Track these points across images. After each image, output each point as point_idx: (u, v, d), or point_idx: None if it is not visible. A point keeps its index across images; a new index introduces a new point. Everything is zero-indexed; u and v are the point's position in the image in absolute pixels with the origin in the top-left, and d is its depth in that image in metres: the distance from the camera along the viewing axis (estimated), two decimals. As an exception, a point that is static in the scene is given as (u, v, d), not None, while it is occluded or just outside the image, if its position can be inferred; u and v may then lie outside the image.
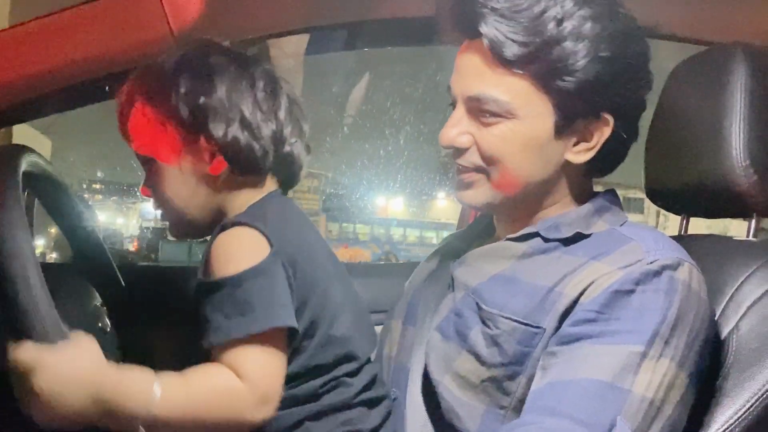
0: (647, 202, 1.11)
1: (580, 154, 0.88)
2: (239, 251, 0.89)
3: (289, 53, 1.50)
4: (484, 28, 0.83)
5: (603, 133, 0.87)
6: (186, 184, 0.97)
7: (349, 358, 0.96)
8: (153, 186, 0.99)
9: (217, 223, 0.96)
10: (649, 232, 0.87)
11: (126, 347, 1.03)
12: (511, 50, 0.82)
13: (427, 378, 0.90)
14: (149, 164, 0.98)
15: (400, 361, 0.98)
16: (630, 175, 1.14)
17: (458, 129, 0.88)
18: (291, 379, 0.92)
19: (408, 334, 0.99)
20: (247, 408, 0.85)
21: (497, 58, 0.83)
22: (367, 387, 0.97)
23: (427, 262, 1.09)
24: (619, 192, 0.98)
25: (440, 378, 0.88)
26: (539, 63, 0.82)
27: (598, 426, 0.72)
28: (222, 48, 0.98)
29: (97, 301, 1.00)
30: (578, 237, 0.88)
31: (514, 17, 0.82)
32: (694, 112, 0.98)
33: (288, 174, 1.02)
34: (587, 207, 0.91)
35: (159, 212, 1.01)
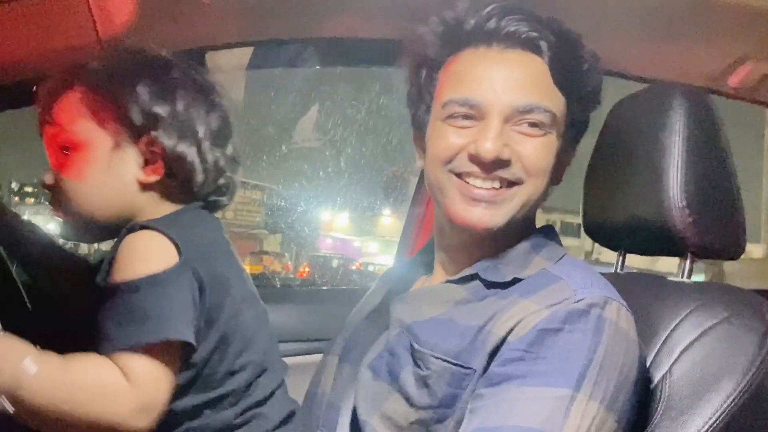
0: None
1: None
2: (144, 256, 0.86)
3: (230, 65, 1.46)
4: (546, 46, 0.85)
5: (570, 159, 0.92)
6: (108, 183, 0.93)
7: (261, 384, 0.94)
8: (66, 178, 0.93)
9: (119, 229, 0.92)
10: (579, 271, 0.86)
11: None
12: (565, 71, 0.86)
13: (356, 418, 0.86)
14: (69, 155, 0.93)
15: (332, 399, 0.94)
16: (568, 200, 1.14)
17: (501, 141, 0.84)
18: (203, 407, 0.89)
19: (344, 371, 0.95)
20: (126, 411, 0.81)
21: (554, 75, 0.85)
22: (285, 421, 0.95)
23: (368, 297, 1.06)
24: (557, 216, 0.98)
25: (368, 418, 0.84)
26: (575, 88, 0.87)
27: None
28: (186, 67, 0.97)
29: None
30: (515, 281, 0.86)
31: (566, 43, 0.87)
32: (633, 150, 0.98)
33: (217, 202, 1.01)
34: (524, 245, 0.90)
35: (56, 209, 0.96)
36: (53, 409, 0.79)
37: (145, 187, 0.94)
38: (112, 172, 0.92)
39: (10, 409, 0.76)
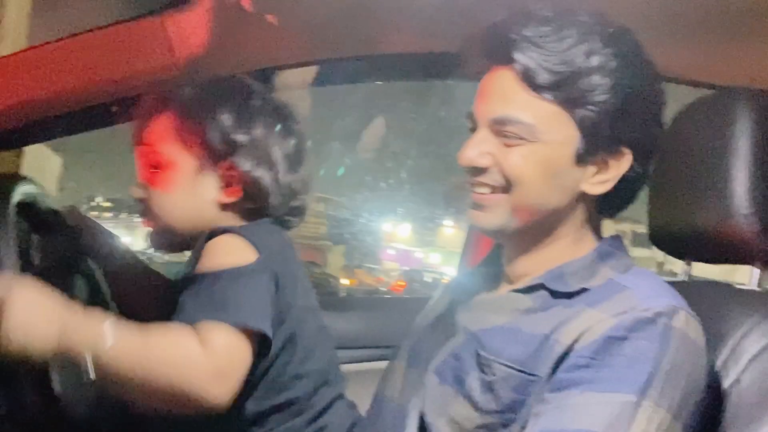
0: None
1: (597, 186, 0.88)
2: (226, 253, 0.93)
3: (296, 83, 1.51)
4: (517, 55, 0.85)
5: (621, 166, 0.87)
6: (190, 201, 1.01)
7: (322, 394, 0.97)
8: (154, 191, 1.02)
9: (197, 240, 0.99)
10: (647, 280, 0.86)
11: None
12: (543, 77, 0.84)
13: (423, 421, 0.89)
14: (157, 173, 1.01)
15: (400, 403, 0.97)
16: (638, 211, 1.13)
17: (479, 149, 0.87)
18: (271, 412, 0.92)
19: (411, 376, 0.98)
20: (202, 376, 0.83)
21: (528, 83, 0.85)
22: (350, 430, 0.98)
23: (434, 303, 1.08)
24: (628, 226, 0.97)
25: (435, 421, 0.87)
26: (566, 91, 0.84)
27: None
28: (267, 94, 1.05)
29: None
30: (581, 291, 0.87)
31: (546, 46, 0.84)
32: (699, 156, 0.97)
33: (289, 222, 1.07)
34: (592, 254, 0.90)
35: (146, 219, 1.04)
36: (132, 375, 0.82)
37: (223, 206, 1.02)
38: (194, 192, 1.01)
39: (92, 374, 0.80)
